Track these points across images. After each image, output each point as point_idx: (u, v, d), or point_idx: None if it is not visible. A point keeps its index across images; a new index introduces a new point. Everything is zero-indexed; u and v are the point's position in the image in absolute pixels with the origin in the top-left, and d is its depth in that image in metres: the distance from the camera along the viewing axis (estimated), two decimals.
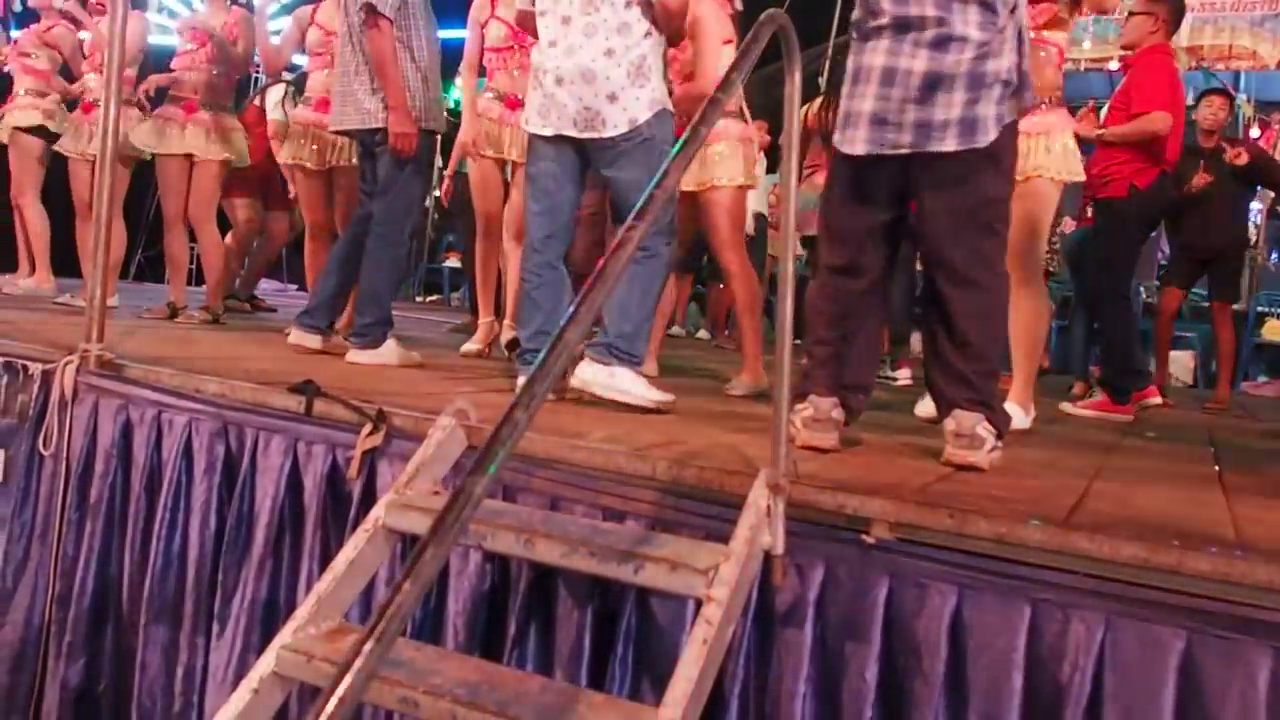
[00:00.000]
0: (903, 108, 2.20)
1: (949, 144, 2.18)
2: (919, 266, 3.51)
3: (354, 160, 4.37)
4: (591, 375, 2.71)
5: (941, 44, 2.18)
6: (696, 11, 3.37)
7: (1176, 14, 4.25)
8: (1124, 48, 4.33)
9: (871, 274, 2.35)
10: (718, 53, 3.46)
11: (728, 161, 3.57)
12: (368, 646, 0.84)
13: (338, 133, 3.79)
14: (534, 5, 2.90)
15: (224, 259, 4.94)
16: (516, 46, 4.03)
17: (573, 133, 2.81)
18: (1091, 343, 5.19)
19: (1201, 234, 5.14)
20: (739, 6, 3.86)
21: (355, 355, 3.44)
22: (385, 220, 3.49)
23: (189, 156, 4.63)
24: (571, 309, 1.08)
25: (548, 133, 2.85)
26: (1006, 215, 2.31)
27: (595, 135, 2.79)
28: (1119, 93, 4.27)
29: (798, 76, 1.79)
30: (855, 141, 2.27)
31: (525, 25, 3.02)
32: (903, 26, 2.21)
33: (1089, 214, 5.04)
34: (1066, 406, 4.09)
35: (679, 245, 3.81)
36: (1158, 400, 4.30)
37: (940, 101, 2.17)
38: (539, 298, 2.90)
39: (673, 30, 2.91)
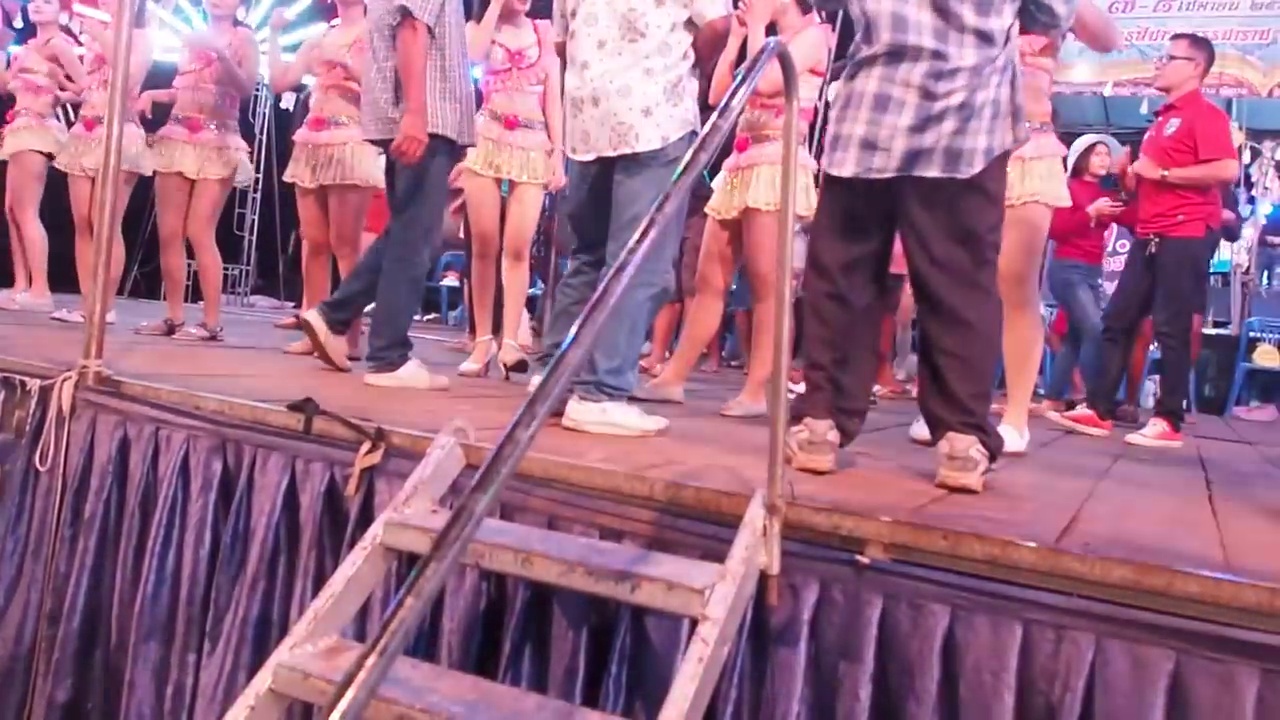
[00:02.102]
0: (892, 134, 2.23)
1: (933, 170, 2.21)
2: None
3: (343, 178, 4.41)
4: (583, 415, 2.69)
5: (936, 76, 2.21)
6: (801, 31, 3.49)
7: (1210, 60, 4.47)
8: (1162, 89, 4.50)
9: (860, 302, 2.38)
10: (807, 75, 3.53)
11: (776, 185, 3.48)
12: (369, 661, 0.85)
13: (371, 142, 3.65)
14: (567, 33, 2.93)
15: (220, 276, 4.94)
16: (514, 69, 4.09)
17: (608, 152, 2.81)
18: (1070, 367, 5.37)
19: None
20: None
21: (373, 378, 3.35)
22: (403, 240, 3.40)
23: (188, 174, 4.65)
24: (573, 331, 1.10)
25: (589, 158, 2.87)
26: (996, 243, 2.34)
27: (628, 150, 2.78)
28: (1177, 135, 4.32)
29: (795, 105, 1.82)
30: (844, 164, 2.30)
31: (563, 55, 3.02)
32: (898, 54, 2.24)
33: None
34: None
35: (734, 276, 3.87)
36: (1105, 433, 4.41)
37: (930, 128, 2.21)
38: (576, 313, 2.89)
39: (711, 56, 2.95)
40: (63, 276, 5.31)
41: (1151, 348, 5.80)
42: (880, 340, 2.57)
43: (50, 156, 5.24)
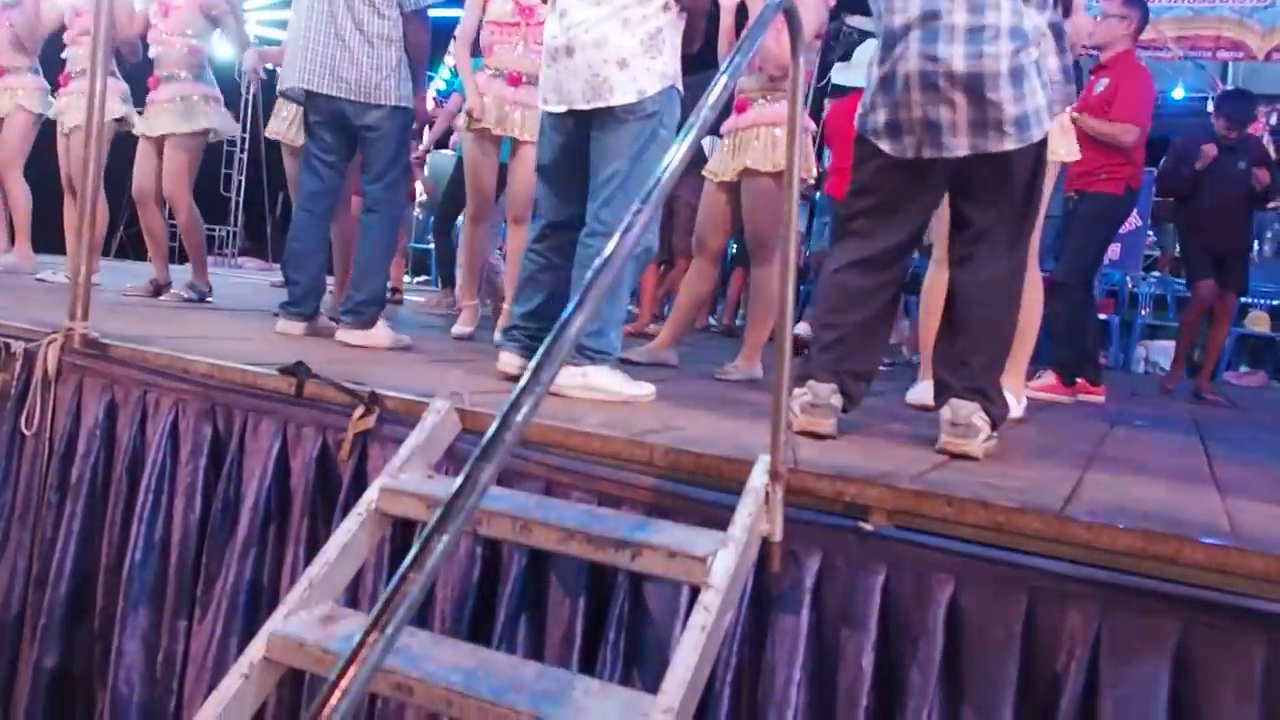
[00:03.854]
0: (954, 112, 2.17)
1: (1008, 143, 2.17)
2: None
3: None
4: (565, 380, 2.60)
5: (978, 42, 2.15)
6: None
7: (1145, 18, 4.46)
8: (1094, 48, 4.41)
9: (891, 271, 2.35)
10: (808, 40, 3.40)
11: (779, 146, 3.44)
12: (372, 638, 0.82)
13: (312, 94, 3.47)
14: None
15: (202, 234, 4.84)
16: (523, 24, 3.96)
17: (581, 105, 2.73)
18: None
19: (1214, 223, 5.14)
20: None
21: (346, 335, 3.39)
22: (387, 201, 3.49)
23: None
24: (578, 295, 1.06)
25: (561, 109, 2.78)
26: (1039, 207, 2.33)
27: (601, 104, 2.70)
28: (1104, 92, 4.31)
29: (801, 61, 1.76)
30: (915, 148, 2.24)
31: None
32: (932, 26, 2.17)
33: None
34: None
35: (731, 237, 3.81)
36: (1100, 400, 4.36)
37: (990, 100, 2.15)
38: (544, 280, 2.86)
39: (698, 13, 2.84)
40: (45, 237, 5.21)
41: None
42: (895, 308, 2.53)
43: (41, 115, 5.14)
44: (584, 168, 2.80)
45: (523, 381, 0.96)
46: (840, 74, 6.08)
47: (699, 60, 3.02)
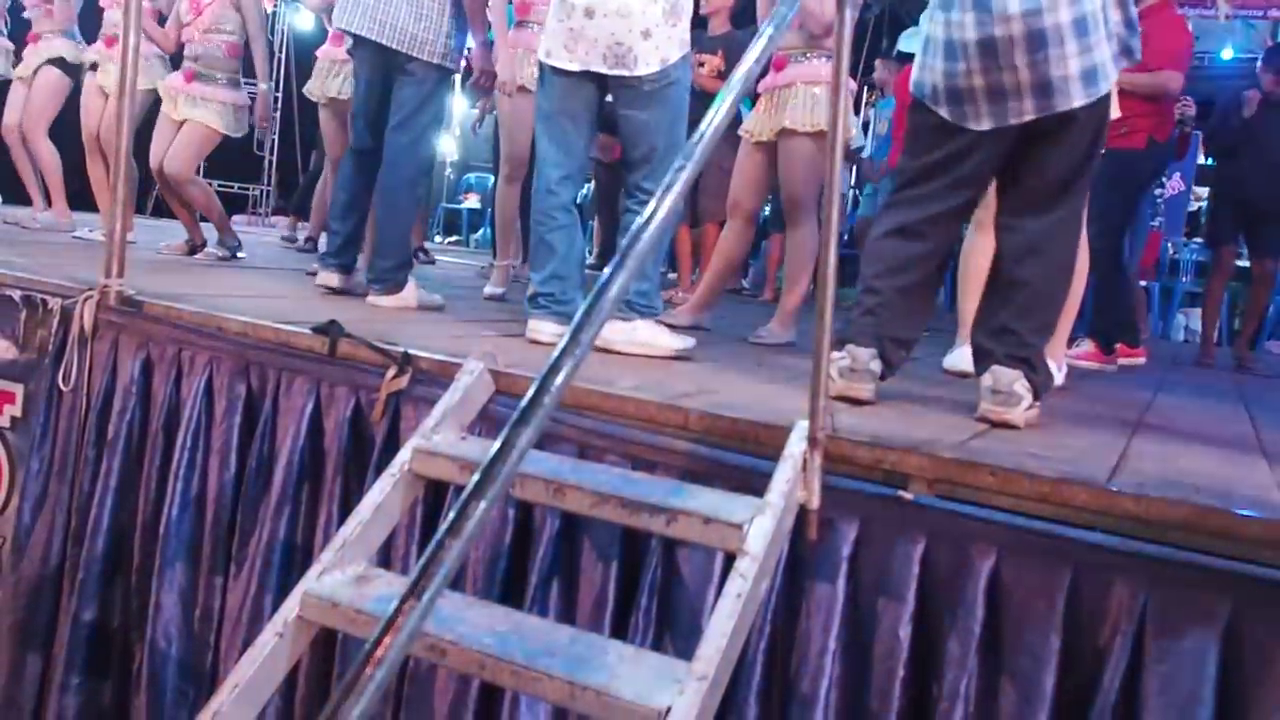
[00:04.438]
0: (1016, 75, 2.10)
1: (1076, 100, 2.09)
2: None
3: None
4: (612, 334, 2.66)
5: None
6: None
7: None
8: None
9: (937, 239, 2.29)
10: None
11: (818, 106, 3.36)
12: (409, 605, 0.80)
13: (359, 41, 3.39)
14: None
15: (214, 199, 4.83)
16: None
17: (601, 68, 2.71)
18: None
19: (1256, 181, 4.92)
20: None
21: (378, 299, 3.36)
22: (410, 160, 3.38)
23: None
24: (619, 256, 1.03)
25: (574, 68, 2.74)
26: (1095, 167, 2.26)
27: (625, 73, 2.69)
28: None
29: (848, 16, 1.71)
30: (979, 117, 2.16)
31: None
32: None
33: None
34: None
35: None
36: (1141, 361, 4.25)
37: (1054, 57, 2.07)
38: (554, 241, 2.83)
39: None
40: (82, 196, 5.23)
41: None
42: (942, 276, 2.48)
43: (74, 77, 5.14)
44: (588, 124, 2.83)
45: (562, 343, 0.93)
46: (908, 41, 5.93)
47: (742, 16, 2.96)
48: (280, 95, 10.14)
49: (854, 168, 6.49)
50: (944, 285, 5.51)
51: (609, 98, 2.84)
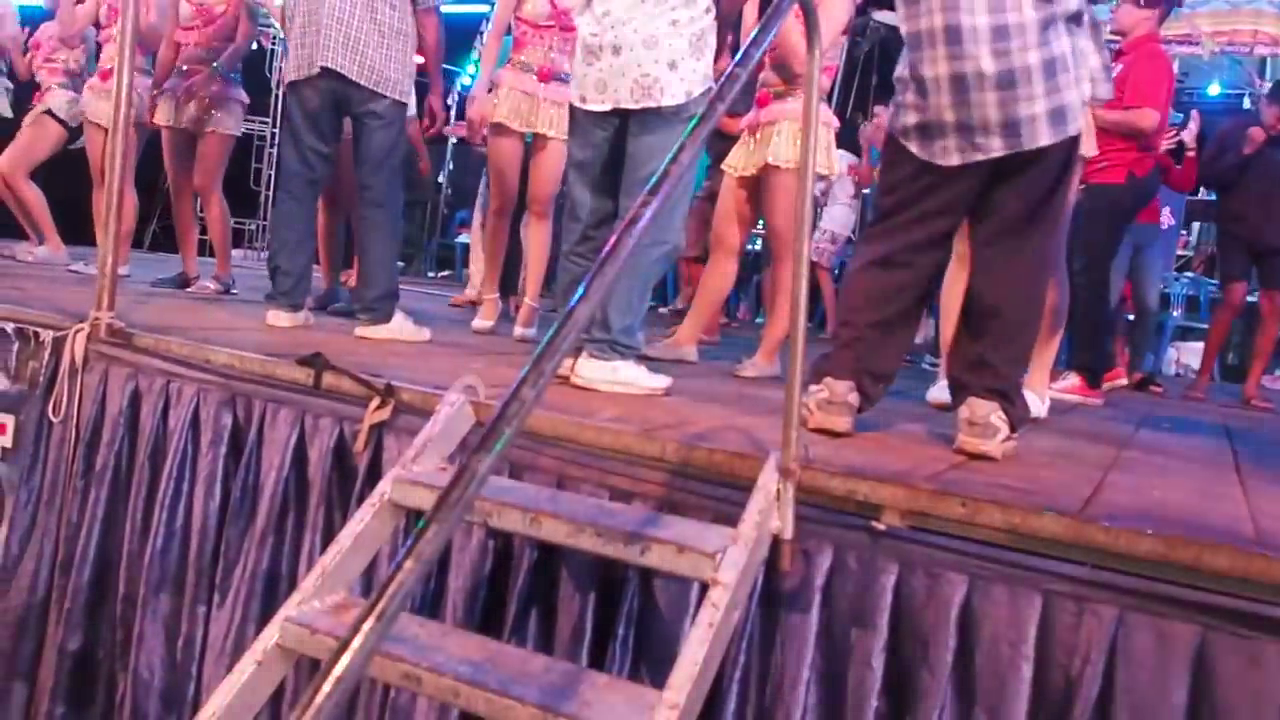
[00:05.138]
0: (985, 112, 2.14)
1: (1043, 139, 2.13)
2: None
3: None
4: (594, 373, 2.68)
5: (1000, 34, 2.11)
6: None
7: (1170, 5, 4.31)
8: (1115, 33, 4.29)
9: (914, 271, 2.31)
10: (832, 35, 3.40)
11: (799, 143, 3.36)
12: (368, 625, 0.82)
13: (315, 78, 3.37)
14: None
15: (229, 228, 4.90)
16: (558, 28, 3.96)
17: (629, 104, 2.72)
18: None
19: (1259, 217, 4.98)
20: None
21: (366, 330, 3.40)
22: (389, 192, 3.46)
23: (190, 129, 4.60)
24: (583, 286, 1.05)
25: (606, 108, 2.76)
26: (1066, 203, 2.29)
27: (652, 104, 2.70)
28: (1116, 78, 4.21)
29: (817, 54, 1.75)
30: (948, 153, 2.20)
31: None
32: (955, 33, 2.14)
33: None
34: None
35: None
36: (1123, 382, 4.26)
37: (1022, 97, 2.12)
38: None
39: (730, 11, 2.86)
40: (79, 229, 5.28)
41: None
42: (922, 311, 2.51)
43: (71, 133, 5.22)
44: (623, 165, 2.81)
45: (523, 372, 0.96)
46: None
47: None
48: (276, 131, 10.24)
49: (861, 211, 6.59)
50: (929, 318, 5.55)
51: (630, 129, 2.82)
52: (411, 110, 4.40)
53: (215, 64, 4.55)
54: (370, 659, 0.84)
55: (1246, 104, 8.82)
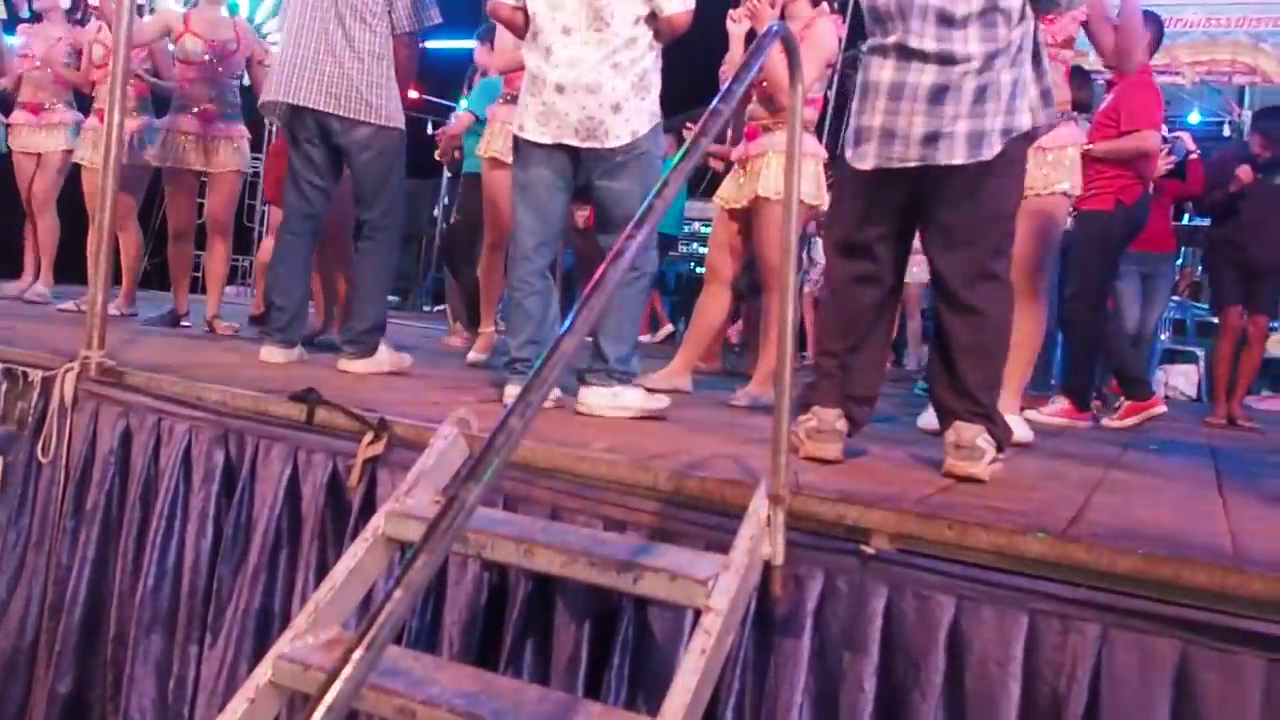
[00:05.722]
0: (910, 121, 2.20)
1: (956, 157, 2.18)
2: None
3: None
4: (595, 400, 2.80)
5: (946, 60, 2.18)
6: (812, 23, 3.46)
7: (1158, 35, 4.42)
8: (1107, 66, 4.36)
9: (883, 283, 2.36)
10: (819, 68, 3.48)
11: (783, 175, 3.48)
12: (357, 655, 0.84)
13: (298, 110, 3.37)
14: (522, 2, 2.88)
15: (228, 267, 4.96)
16: None
17: (574, 142, 2.81)
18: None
19: (1256, 241, 5.03)
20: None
21: (349, 364, 3.38)
22: (387, 226, 3.47)
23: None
24: (570, 319, 1.08)
25: (546, 140, 2.84)
26: (1013, 230, 2.32)
27: (597, 145, 2.80)
28: (1106, 110, 4.31)
29: (800, 89, 1.79)
30: (866, 157, 2.27)
31: (508, 20, 2.97)
32: (906, 52, 2.22)
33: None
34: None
35: (742, 269, 3.83)
36: (1162, 409, 4.28)
37: (947, 114, 2.18)
38: (530, 307, 2.91)
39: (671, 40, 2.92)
40: (76, 268, 5.32)
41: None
42: (891, 329, 2.55)
43: (70, 152, 5.29)
44: (562, 192, 2.92)
45: (511, 404, 0.98)
46: None
47: (700, 94, 3.05)
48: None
49: None
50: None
51: (583, 167, 2.92)
52: None
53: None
54: (360, 688, 0.86)
55: (1226, 131, 8.96)
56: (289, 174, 3.54)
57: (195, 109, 4.61)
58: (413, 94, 3.65)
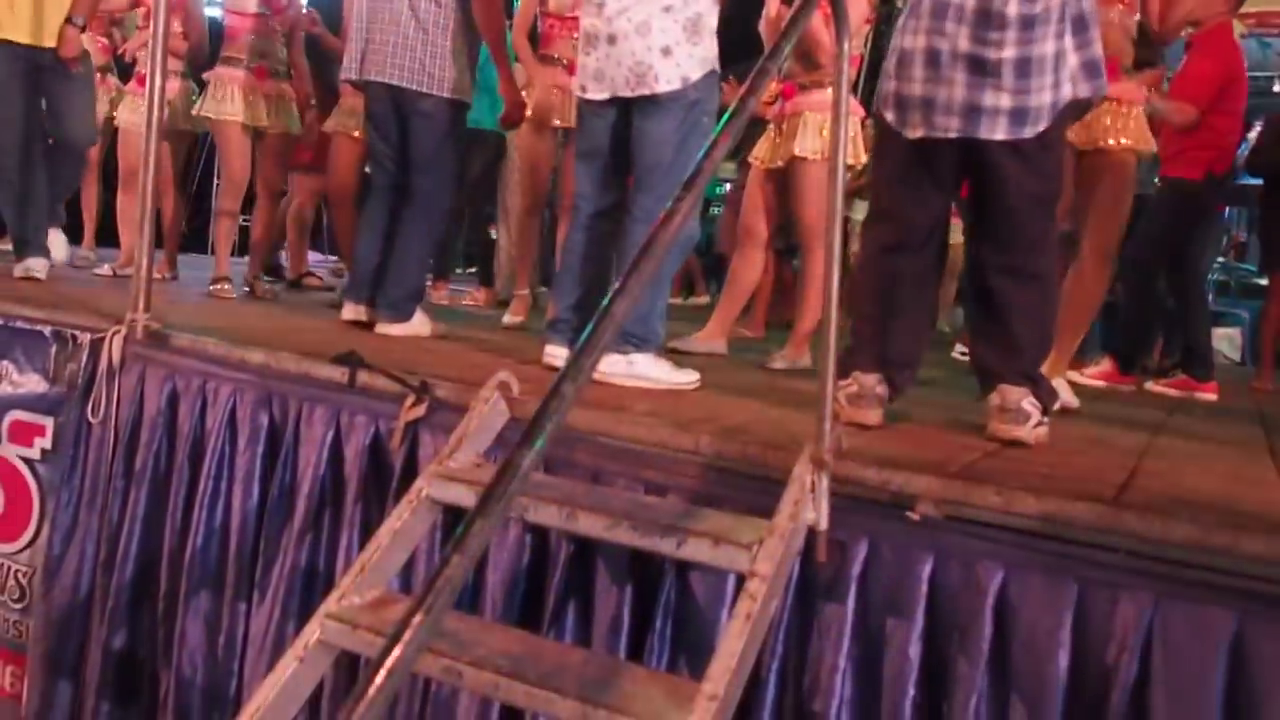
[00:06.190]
0: (951, 91, 2.15)
1: (998, 133, 2.13)
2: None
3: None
4: (609, 367, 2.63)
5: (984, 27, 2.12)
6: None
7: None
8: (1189, 23, 4.20)
9: (924, 251, 2.32)
10: (857, 25, 3.40)
11: (825, 134, 3.39)
12: (416, 619, 0.84)
13: (367, 83, 3.44)
14: None
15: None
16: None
17: (626, 93, 2.73)
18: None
19: None
20: None
21: (387, 328, 3.41)
22: (433, 195, 3.46)
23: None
24: (620, 281, 1.07)
25: (604, 96, 2.77)
26: (1058, 196, 2.27)
27: (647, 91, 2.69)
28: (1179, 71, 4.16)
29: (846, 45, 1.75)
30: (914, 125, 2.22)
31: None
32: (941, 8, 2.15)
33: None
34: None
35: (779, 231, 3.79)
36: (1213, 398, 4.18)
37: (989, 85, 2.12)
38: (587, 272, 2.85)
39: None
40: (105, 233, 5.41)
41: None
42: (936, 297, 2.51)
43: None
44: (625, 154, 2.80)
45: (565, 368, 0.97)
46: None
47: (742, 49, 2.99)
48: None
49: None
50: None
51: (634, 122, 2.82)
52: None
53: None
54: (420, 653, 0.86)
55: (1277, 87, 8.70)
56: (372, 143, 3.58)
57: (252, 65, 4.48)
58: None
